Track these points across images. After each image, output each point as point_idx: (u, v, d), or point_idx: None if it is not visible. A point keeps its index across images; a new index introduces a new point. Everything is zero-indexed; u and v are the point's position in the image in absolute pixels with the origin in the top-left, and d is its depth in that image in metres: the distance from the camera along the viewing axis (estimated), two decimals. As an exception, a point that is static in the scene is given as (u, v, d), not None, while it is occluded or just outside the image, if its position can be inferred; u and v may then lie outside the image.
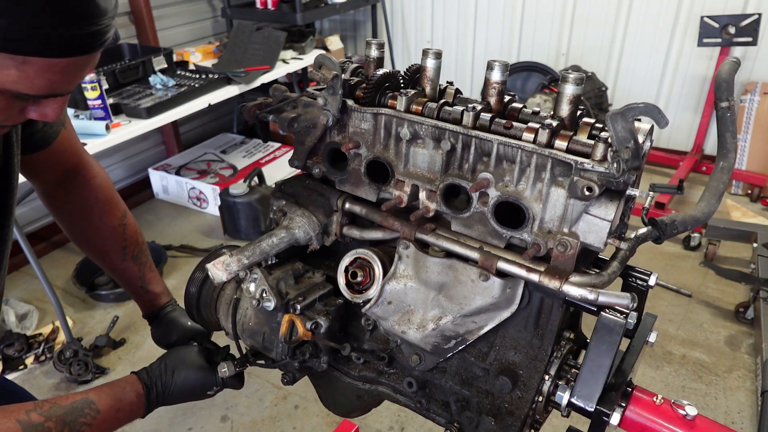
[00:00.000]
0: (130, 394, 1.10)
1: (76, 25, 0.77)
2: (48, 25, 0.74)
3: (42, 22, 0.73)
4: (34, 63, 0.76)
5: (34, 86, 0.80)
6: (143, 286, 1.44)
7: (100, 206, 1.38)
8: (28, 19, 0.72)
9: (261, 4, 4.35)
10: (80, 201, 1.37)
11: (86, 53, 0.81)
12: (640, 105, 0.72)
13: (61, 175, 1.34)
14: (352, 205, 1.06)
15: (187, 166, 4.39)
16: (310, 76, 1.00)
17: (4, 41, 0.73)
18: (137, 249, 1.44)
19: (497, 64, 0.92)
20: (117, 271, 1.44)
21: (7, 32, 0.72)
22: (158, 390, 1.13)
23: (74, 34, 0.77)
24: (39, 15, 0.73)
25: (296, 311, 1.04)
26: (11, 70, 0.76)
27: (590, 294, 0.82)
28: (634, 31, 4.41)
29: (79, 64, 0.82)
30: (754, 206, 4.13)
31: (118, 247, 1.40)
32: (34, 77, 0.78)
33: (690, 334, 2.97)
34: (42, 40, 0.75)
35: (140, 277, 1.44)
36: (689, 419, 0.89)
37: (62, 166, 1.33)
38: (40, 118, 0.90)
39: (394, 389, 1.09)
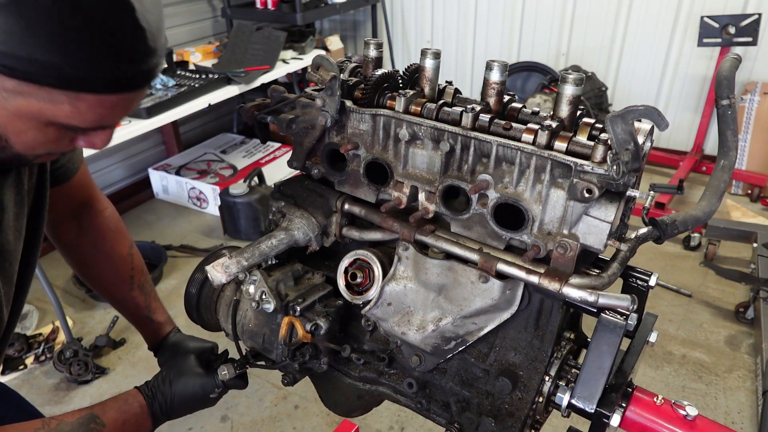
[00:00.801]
0: (133, 405, 1.11)
1: (129, 65, 0.79)
2: (102, 65, 0.76)
3: (96, 62, 0.76)
4: (86, 99, 0.79)
5: (85, 120, 0.83)
6: (149, 315, 1.44)
7: (111, 236, 1.40)
8: (83, 59, 0.75)
9: (261, 4, 4.35)
10: (94, 232, 1.39)
11: (137, 90, 0.84)
12: (640, 107, 0.72)
13: (75, 208, 1.36)
14: (352, 206, 1.05)
15: (187, 166, 4.39)
16: (308, 78, 1.00)
17: (60, 80, 0.75)
18: (143, 278, 1.45)
19: (496, 65, 0.92)
20: (125, 302, 1.44)
21: (62, 71, 0.74)
22: (160, 401, 1.13)
23: (126, 73, 0.80)
24: (94, 56, 0.75)
25: (296, 313, 1.04)
26: (64, 105, 0.79)
27: (590, 296, 0.82)
28: (634, 31, 4.41)
29: (129, 99, 0.85)
30: (754, 206, 4.12)
31: (126, 276, 1.42)
32: (85, 112, 0.81)
33: (690, 334, 2.97)
34: (95, 78, 0.77)
35: (146, 307, 1.44)
36: (690, 420, 0.89)
37: (77, 199, 1.35)
38: (88, 147, 0.94)
39: (394, 390, 1.09)
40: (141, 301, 1.44)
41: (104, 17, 0.74)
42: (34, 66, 0.73)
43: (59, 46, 0.73)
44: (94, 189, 1.40)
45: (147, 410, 1.12)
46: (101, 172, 4.15)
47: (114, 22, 0.75)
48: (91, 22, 0.73)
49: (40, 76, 0.75)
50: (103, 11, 0.74)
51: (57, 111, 0.80)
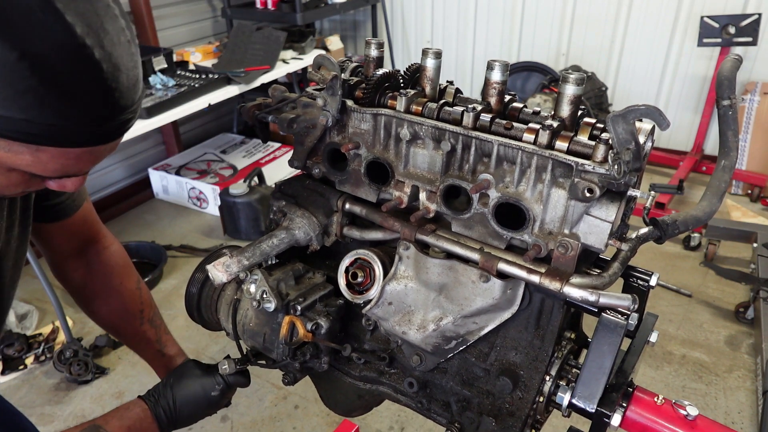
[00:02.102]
0: (135, 411, 1.12)
1: (94, 124, 0.76)
2: (64, 123, 0.72)
3: (58, 120, 0.72)
4: (48, 151, 0.75)
5: (47, 170, 0.79)
6: (161, 349, 1.44)
7: (119, 271, 1.41)
8: (44, 117, 0.71)
9: (261, 4, 4.35)
10: (102, 268, 1.39)
11: (103, 144, 0.80)
12: (642, 107, 0.72)
13: (80, 245, 1.36)
14: (352, 205, 1.05)
15: (187, 166, 4.39)
16: (310, 77, 1.00)
17: (19, 133, 0.71)
18: (152, 312, 1.46)
19: (497, 64, 0.92)
20: (135, 337, 1.44)
21: (22, 126, 0.70)
22: (163, 406, 1.13)
23: (91, 131, 0.76)
24: (55, 114, 0.71)
25: (297, 312, 1.04)
26: (25, 155, 0.75)
27: (591, 296, 0.82)
28: (634, 31, 4.41)
29: (96, 151, 0.81)
30: (754, 206, 4.12)
31: (136, 311, 1.42)
32: (47, 162, 0.77)
33: (690, 334, 2.97)
34: (59, 134, 0.73)
35: (157, 341, 1.44)
36: (690, 419, 0.89)
37: (82, 236, 1.36)
38: (59, 189, 0.89)
39: (394, 389, 1.09)
40: (152, 335, 1.43)
41: (67, 78, 0.70)
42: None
43: (20, 105, 0.69)
44: (99, 226, 1.41)
45: (150, 415, 1.12)
46: (101, 172, 4.15)
47: (78, 84, 0.71)
48: (51, 82, 0.69)
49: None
50: (66, 72, 0.69)
51: (17, 160, 0.76)
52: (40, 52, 0.67)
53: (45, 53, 0.67)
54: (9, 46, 0.65)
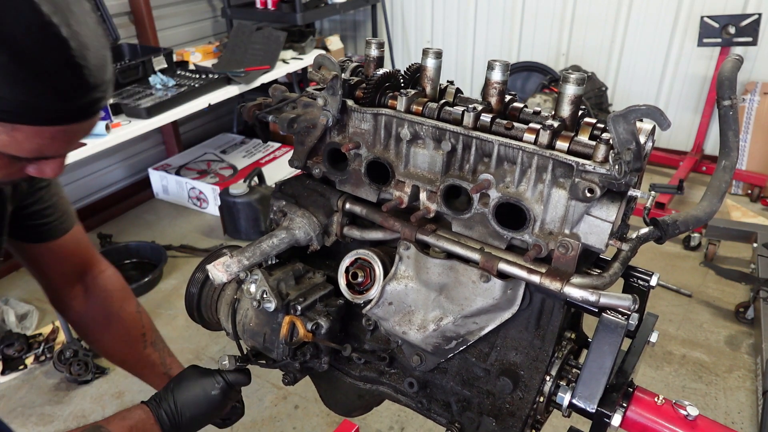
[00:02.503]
0: (137, 413, 1.11)
1: (65, 101, 0.78)
2: (36, 101, 0.75)
3: (30, 98, 0.74)
4: (23, 130, 0.78)
5: (23, 150, 0.81)
6: (166, 372, 1.43)
7: (118, 295, 1.40)
8: (16, 95, 0.73)
9: (261, 4, 4.35)
10: (101, 293, 1.38)
11: (76, 122, 0.82)
12: (642, 107, 0.72)
13: (75, 270, 1.35)
14: (353, 205, 1.05)
15: (187, 166, 4.39)
16: (310, 77, 0.99)
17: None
18: (154, 335, 1.44)
19: (498, 64, 0.92)
20: (140, 362, 1.42)
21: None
22: (165, 409, 1.12)
23: (64, 108, 0.78)
24: (26, 92, 0.74)
25: (297, 312, 1.04)
26: (1, 135, 0.77)
27: (591, 296, 0.81)
28: (634, 31, 4.41)
29: (71, 131, 0.83)
30: (754, 206, 4.12)
31: (138, 335, 1.40)
32: (23, 141, 0.79)
33: (690, 334, 2.97)
34: (31, 111, 0.76)
35: (162, 363, 1.43)
36: (690, 420, 0.89)
37: (76, 260, 1.35)
38: (38, 175, 0.91)
39: (395, 389, 1.09)
40: (156, 358, 1.42)
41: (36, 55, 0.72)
42: None
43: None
44: (92, 250, 1.40)
45: (153, 417, 1.11)
46: (101, 172, 4.15)
47: (47, 61, 0.73)
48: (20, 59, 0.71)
49: None
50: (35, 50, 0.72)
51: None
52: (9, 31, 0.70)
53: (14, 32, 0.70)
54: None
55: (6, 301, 3.11)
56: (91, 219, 4.00)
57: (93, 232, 3.90)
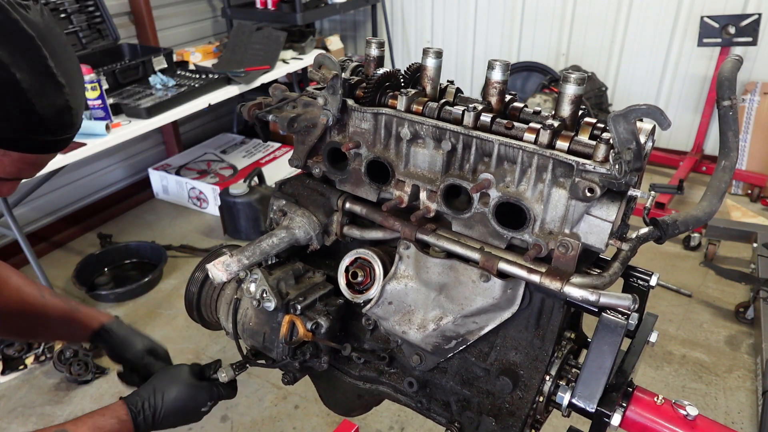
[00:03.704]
0: (110, 421, 1.06)
1: (56, 133, 0.93)
2: (34, 132, 0.89)
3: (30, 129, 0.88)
4: (12, 156, 0.90)
5: (5, 172, 0.93)
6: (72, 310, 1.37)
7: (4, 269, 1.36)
8: (19, 126, 0.87)
9: (261, 4, 4.35)
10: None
11: (55, 152, 0.97)
12: (643, 107, 0.72)
13: None
14: (353, 204, 1.05)
15: (187, 166, 4.39)
16: (310, 76, 1.00)
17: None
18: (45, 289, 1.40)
19: (498, 64, 0.92)
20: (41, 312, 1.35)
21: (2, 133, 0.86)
22: (146, 413, 1.08)
23: (53, 141, 0.93)
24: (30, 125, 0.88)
25: (297, 311, 1.04)
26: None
27: (591, 295, 0.82)
28: (634, 31, 4.41)
29: (46, 159, 0.97)
30: (754, 206, 4.12)
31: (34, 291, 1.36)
32: (8, 165, 0.92)
33: (690, 334, 2.97)
34: (26, 141, 0.90)
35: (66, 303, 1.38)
36: (690, 419, 0.89)
37: None
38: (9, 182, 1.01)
39: (394, 389, 1.09)
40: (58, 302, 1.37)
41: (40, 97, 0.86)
42: None
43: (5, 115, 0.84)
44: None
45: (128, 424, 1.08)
46: (101, 172, 4.15)
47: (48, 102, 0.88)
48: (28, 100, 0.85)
49: None
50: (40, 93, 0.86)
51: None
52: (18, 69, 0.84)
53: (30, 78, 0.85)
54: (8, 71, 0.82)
55: (6, 300, 3.11)
56: (91, 219, 3.99)
57: (93, 231, 3.90)
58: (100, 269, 3.49)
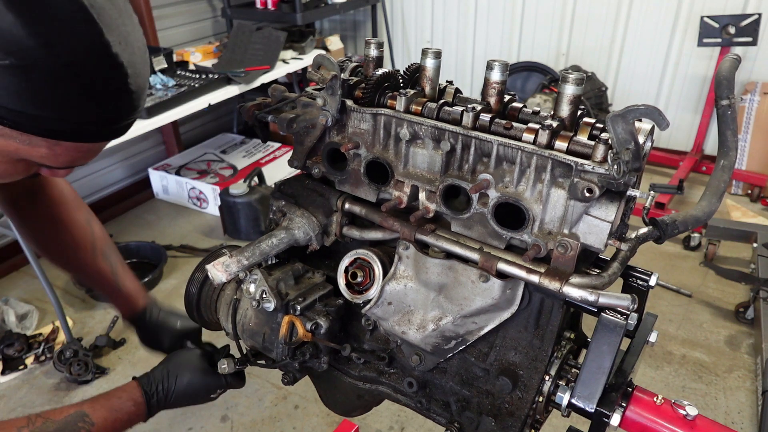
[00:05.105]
0: (127, 404, 1.10)
1: (112, 122, 0.84)
2: (87, 121, 0.80)
3: (83, 119, 0.80)
4: (64, 145, 0.82)
5: (58, 161, 0.86)
6: (116, 283, 1.41)
7: (67, 205, 1.37)
8: (72, 116, 0.78)
9: (261, 4, 4.35)
10: (48, 202, 1.36)
11: (111, 139, 0.88)
12: (641, 107, 0.72)
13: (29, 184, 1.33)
14: (352, 205, 1.05)
15: (187, 166, 4.39)
16: (309, 77, 1.00)
17: (44, 130, 0.78)
18: (107, 245, 1.42)
19: (497, 64, 0.92)
20: (89, 272, 1.40)
21: (49, 124, 0.78)
22: (159, 396, 1.12)
23: (108, 128, 0.84)
24: (82, 114, 0.79)
25: (296, 312, 1.04)
26: (42, 149, 0.81)
27: (590, 295, 0.82)
28: (634, 31, 4.41)
29: (100, 147, 0.89)
30: (754, 206, 4.12)
31: (88, 244, 1.38)
32: (60, 155, 0.84)
33: (690, 334, 2.97)
34: (78, 131, 0.81)
35: (112, 273, 1.41)
36: (690, 419, 0.89)
37: None
38: (51, 176, 0.96)
39: (394, 389, 1.09)
40: (105, 268, 1.40)
41: (101, 84, 0.78)
42: (23, 117, 0.76)
43: (53, 106, 0.76)
44: None
45: (142, 407, 1.11)
46: (101, 172, 4.15)
47: (108, 88, 0.79)
48: (88, 87, 0.77)
49: (26, 125, 0.77)
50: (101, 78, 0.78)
51: (33, 152, 0.82)
52: (81, 60, 0.75)
53: (85, 61, 0.75)
54: (55, 54, 0.73)
55: (6, 301, 3.11)
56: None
57: (93, 232, 3.90)
58: (100, 269, 3.50)
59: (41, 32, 0.71)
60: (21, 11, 0.70)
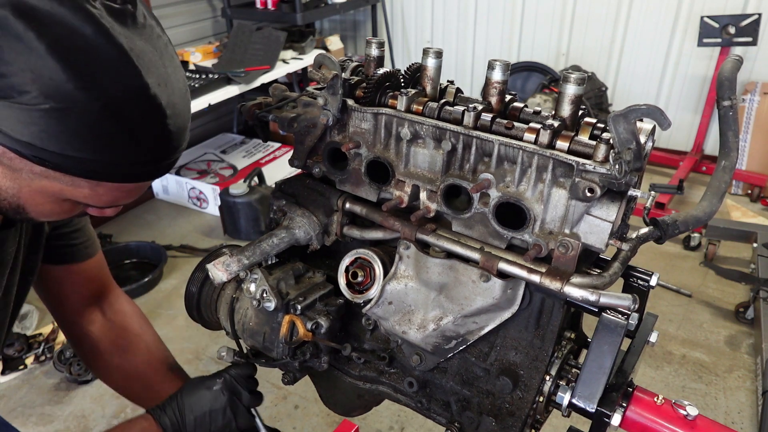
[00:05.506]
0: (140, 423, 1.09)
1: (153, 163, 0.84)
2: (128, 163, 0.81)
3: (123, 161, 0.80)
4: (106, 186, 0.83)
5: (101, 201, 0.86)
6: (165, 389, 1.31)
7: (138, 318, 1.38)
8: (112, 158, 0.79)
9: (261, 4, 4.35)
10: (119, 317, 1.35)
11: (155, 179, 0.88)
12: (643, 107, 0.72)
13: (93, 296, 1.34)
14: (353, 204, 1.05)
15: (187, 166, 4.39)
16: (310, 76, 0.99)
17: (85, 172, 0.79)
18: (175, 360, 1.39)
19: (498, 64, 0.92)
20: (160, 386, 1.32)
21: (90, 166, 0.78)
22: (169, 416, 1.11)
23: (148, 169, 0.84)
24: (122, 156, 0.80)
25: (297, 311, 1.04)
26: (84, 189, 0.82)
27: (591, 295, 0.81)
28: (634, 31, 4.41)
29: (145, 185, 0.90)
30: (754, 206, 4.13)
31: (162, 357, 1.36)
32: (103, 194, 0.85)
33: (690, 334, 2.97)
34: (119, 172, 0.81)
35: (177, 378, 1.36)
36: (690, 419, 0.89)
37: (95, 285, 1.34)
38: (98, 215, 0.96)
39: (394, 389, 1.09)
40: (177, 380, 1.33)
41: (139, 125, 0.78)
42: (64, 159, 0.76)
43: (93, 147, 0.77)
44: (110, 278, 1.39)
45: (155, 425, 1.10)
46: (101, 171, 4.15)
47: (147, 129, 0.80)
48: (127, 129, 0.77)
49: (67, 167, 0.78)
50: (139, 119, 0.78)
51: (76, 193, 0.83)
52: (119, 102, 0.75)
53: (123, 103, 0.75)
54: (94, 96, 0.73)
55: (6, 300, 3.11)
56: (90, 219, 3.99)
57: (93, 231, 3.90)
58: (100, 269, 3.50)
59: (80, 76, 0.72)
60: (62, 56, 0.71)
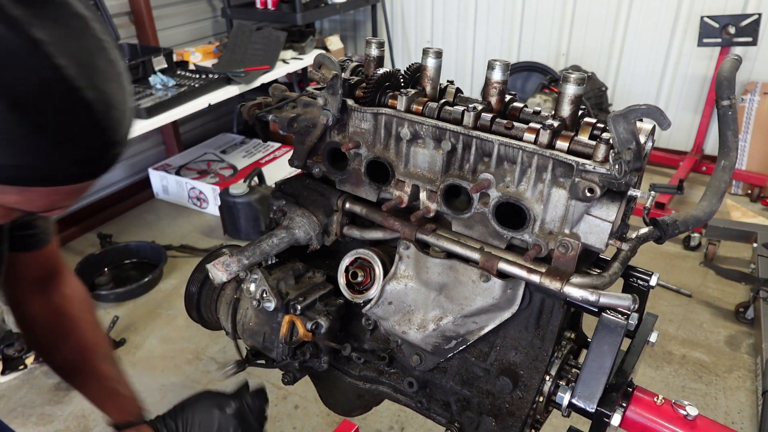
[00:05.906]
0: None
1: (83, 164, 0.73)
2: (53, 166, 0.70)
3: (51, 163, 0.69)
4: (37, 191, 0.73)
5: (34, 206, 0.77)
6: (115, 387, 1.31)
7: (79, 303, 1.33)
8: (38, 161, 0.68)
9: (261, 4, 4.35)
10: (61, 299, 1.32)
11: (93, 179, 0.78)
12: (643, 107, 0.72)
13: (43, 277, 1.31)
14: (353, 205, 1.05)
15: (187, 166, 4.38)
16: (310, 76, 0.99)
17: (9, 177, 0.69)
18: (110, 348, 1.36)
19: (498, 64, 0.92)
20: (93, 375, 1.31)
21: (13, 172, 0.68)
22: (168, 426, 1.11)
23: (81, 170, 0.74)
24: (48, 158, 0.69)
25: (297, 312, 1.04)
26: (13, 195, 0.72)
27: (591, 295, 0.82)
28: (634, 31, 4.41)
29: (84, 187, 0.79)
30: (754, 206, 4.12)
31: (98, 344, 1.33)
32: (36, 200, 0.75)
33: (690, 334, 2.97)
34: (49, 176, 0.71)
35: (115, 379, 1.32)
36: (690, 419, 0.89)
37: (43, 271, 1.30)
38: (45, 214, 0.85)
39: (394, 389, 1.09)
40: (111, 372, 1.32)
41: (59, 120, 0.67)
42: None
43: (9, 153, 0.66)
44: (62, 263, 1.35)
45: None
46: (101, 171, 4.15)
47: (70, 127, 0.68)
48: (44, 128, 0.66)
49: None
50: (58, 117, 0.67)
51: (5, 198, 0.73)
52: (30, 100, 0.64)
53: (35, 100, 0.65)
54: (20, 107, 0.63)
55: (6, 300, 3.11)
56: (91, 219, 3.99)
57: (93, 232, 3.90)
58: (100, 269, 3.49)
59: None
60: None
